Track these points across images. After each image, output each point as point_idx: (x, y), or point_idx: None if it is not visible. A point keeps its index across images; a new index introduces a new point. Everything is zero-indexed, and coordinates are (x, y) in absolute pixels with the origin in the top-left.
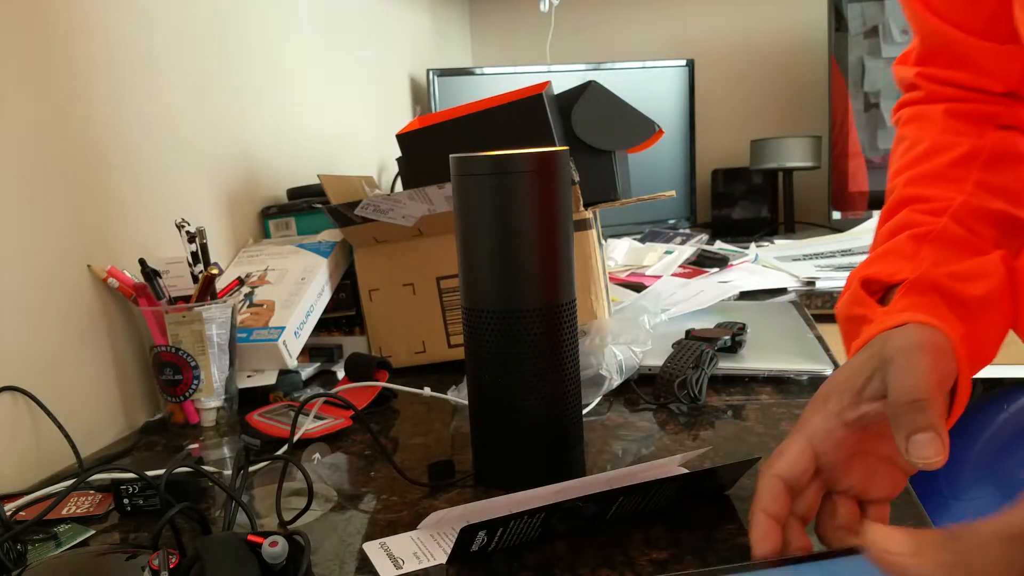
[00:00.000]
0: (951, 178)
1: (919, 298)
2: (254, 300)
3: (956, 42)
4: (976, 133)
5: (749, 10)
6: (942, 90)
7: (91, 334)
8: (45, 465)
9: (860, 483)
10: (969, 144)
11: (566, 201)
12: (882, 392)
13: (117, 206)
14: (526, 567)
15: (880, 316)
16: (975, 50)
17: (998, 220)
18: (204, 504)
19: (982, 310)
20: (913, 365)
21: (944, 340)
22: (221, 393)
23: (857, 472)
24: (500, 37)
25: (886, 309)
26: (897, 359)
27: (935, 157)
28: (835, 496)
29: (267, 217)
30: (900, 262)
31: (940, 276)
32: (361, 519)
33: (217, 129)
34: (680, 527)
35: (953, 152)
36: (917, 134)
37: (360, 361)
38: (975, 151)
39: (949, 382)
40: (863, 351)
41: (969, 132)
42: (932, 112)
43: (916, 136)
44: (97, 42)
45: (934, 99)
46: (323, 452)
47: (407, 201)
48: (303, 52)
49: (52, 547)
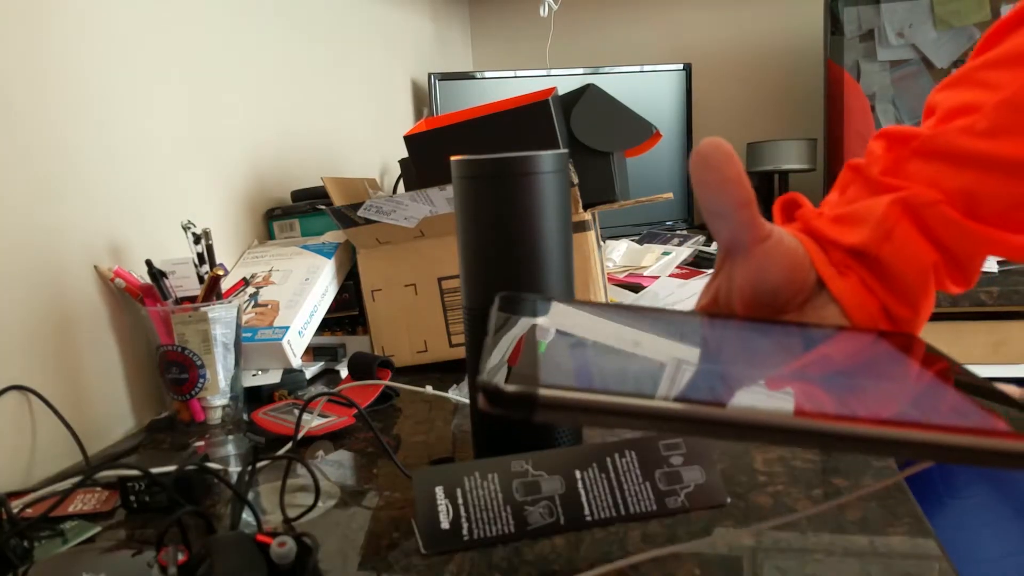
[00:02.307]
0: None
1: (801, 224)
2: (259, 300)
3: None
4: None
5: (745, 15)
6: None
7: (98, 333)
8: (52, 462)
9: None
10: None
11: (565, 203)
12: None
13: (124, 208)
14: (525, 561)
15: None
16: None
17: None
18: (209, 501)
19: (862, 255)
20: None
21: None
22: (226, 391)
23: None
24: (500, 41)
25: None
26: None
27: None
28: None
29: (272, 219)
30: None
31: (820, 221)
32: (364, 515)
33: (223, 132)
34: (679, 525)
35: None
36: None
37: (363, 360)
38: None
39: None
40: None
41: None
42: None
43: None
44: (104, 43)
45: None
46: (327, 449)
47: (409, 203)
48: (307, 56)
49: (58, 544)
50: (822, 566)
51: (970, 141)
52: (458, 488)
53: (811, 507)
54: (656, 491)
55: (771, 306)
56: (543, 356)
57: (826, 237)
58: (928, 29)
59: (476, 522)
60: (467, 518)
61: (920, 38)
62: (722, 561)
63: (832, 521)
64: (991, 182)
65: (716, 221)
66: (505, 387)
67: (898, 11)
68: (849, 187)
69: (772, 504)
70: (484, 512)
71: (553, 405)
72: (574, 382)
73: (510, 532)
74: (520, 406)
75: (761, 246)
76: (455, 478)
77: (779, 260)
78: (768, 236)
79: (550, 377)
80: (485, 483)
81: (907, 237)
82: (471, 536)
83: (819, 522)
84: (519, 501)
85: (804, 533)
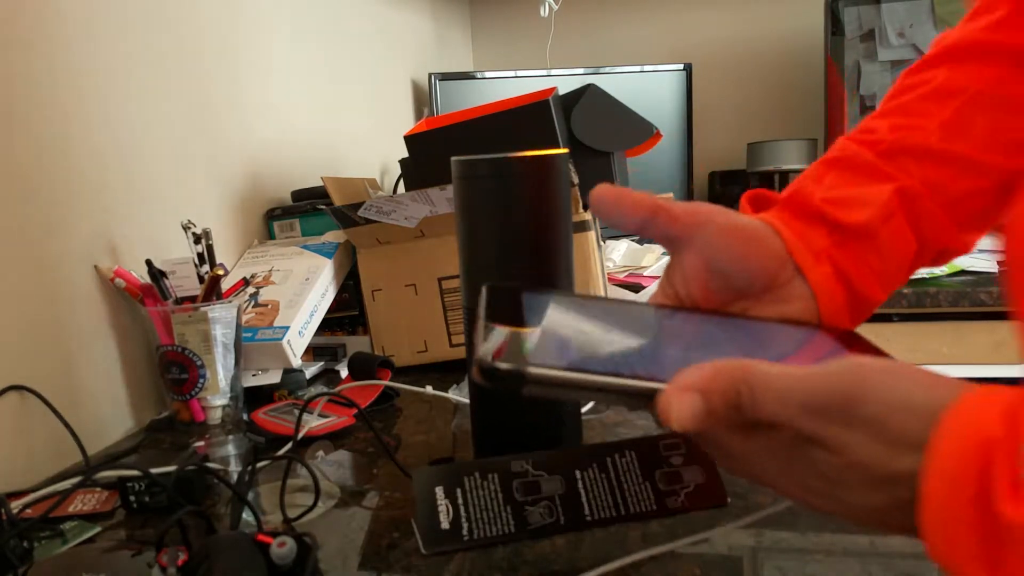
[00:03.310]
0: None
1: (784, 212)
2: (259, 300)
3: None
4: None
5: (746, 15)
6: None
7: (98, 333)
8: (52, 462)
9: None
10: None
11: (566, 203)
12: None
13: (124, 208)
14: (526, 562)
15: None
16: None
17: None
18: (209, 500)
19: (861, 235)
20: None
21: (763, 228)
22: (226, 391)
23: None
24: (500, 42)
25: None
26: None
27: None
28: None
29: (272, 219)
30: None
31: (815, 198)
32: (364, 516)
33: (223, 132)
34: (679, 525)
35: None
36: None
37: (363, 360)
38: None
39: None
40: None
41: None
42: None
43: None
44: (103, 45)
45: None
46: (327, 450)
47: (409, 203)
48: (307, 56)
49: (58, 544)
50: (822, 566)
51: (925, 139)
52: (458, 488)
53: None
54: (656, 491)
55: (728, 290)
56: (530, 338)
57: (828, 215)
58: (929, 29)
59: (476, 522)
60: (467, 518)
61: (921, 38)
62: (723, 561)
63: (832, 521)
64: (946, 175)
65: (643, 233)
66: (499, 364)
67: (899, 11)
68: (835, 170)
69: (773, 504)
70: (484, 512)
71: (539, 381)
72: (556, 362)
73: (510, 532)
74: (511, 381)
75: (701, 232)
76: (455, 478)
77: (728, 243)
78: (706, 222)
79: (537, 357)
80: (485, 483)
81: (901, 224)
82: (471, 536)
83: (820, 522)
84: (519, 501)
85: (804, 533)
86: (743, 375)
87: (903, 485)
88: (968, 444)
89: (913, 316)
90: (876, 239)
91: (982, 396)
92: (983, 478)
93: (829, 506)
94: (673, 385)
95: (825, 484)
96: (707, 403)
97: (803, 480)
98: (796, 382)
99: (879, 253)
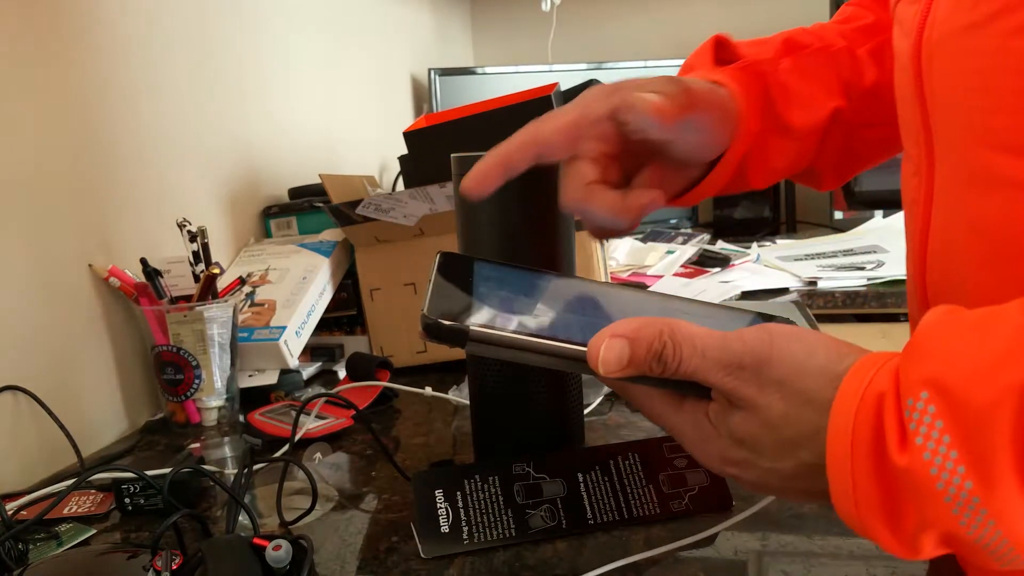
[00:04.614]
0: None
1: (741, 73)
2: (255, 299)
3: None
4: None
5: (750, 9)
6: None
7: (92, 333)
8: (46, 464)
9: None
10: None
11: None
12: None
13: (118, 206)
14: (527, 566)
15: (705, 67)
16: None
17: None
18: (205, 503)
19: (787, 128)
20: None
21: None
22: (222, 392)
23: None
24: (501, 37)
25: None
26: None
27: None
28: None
29: (268, 216)
30: (761, 49)
31: (773, 79)
32: (362, 519)
33: (219, 128)
34: (682, 528)
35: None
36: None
37: (361, 360)
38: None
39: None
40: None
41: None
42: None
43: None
44: (98, 42)
45: None
46: (324, 452)
47: (408, 200)
48: (305, 51)
49: (53, 546)
50: (827, 569)
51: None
52: (458, 491)
53: (817, 508)
54: (660, 494)
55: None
56: (476, 300)
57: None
58: None
59: (476, 526)
60: (467, 521)
61: None
62: (728, 565)
63: (837, 524)
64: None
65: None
66: (443, 322)
67: None
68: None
69: (777, 507)
70: (485, 515)
71: (479, 339)
72: (497, 324)
73: (511, 536)
74: (454, 338)
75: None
76: (455, 481)
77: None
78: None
79: (479, 318)
80: (486, 486)
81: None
82: (471, 540)
83: (825, 525)
84: (520, 504)
85: (810, 536)
86: (668, 329)
87: (809, 446)
88: (865, 401)
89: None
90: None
91: (875, 356)
92: (877, 431)
93: (748, 475)
94: (602, 333)
95: (743, 453)
96: (633, 350)
97: (724, 452)
98: (714, 340)
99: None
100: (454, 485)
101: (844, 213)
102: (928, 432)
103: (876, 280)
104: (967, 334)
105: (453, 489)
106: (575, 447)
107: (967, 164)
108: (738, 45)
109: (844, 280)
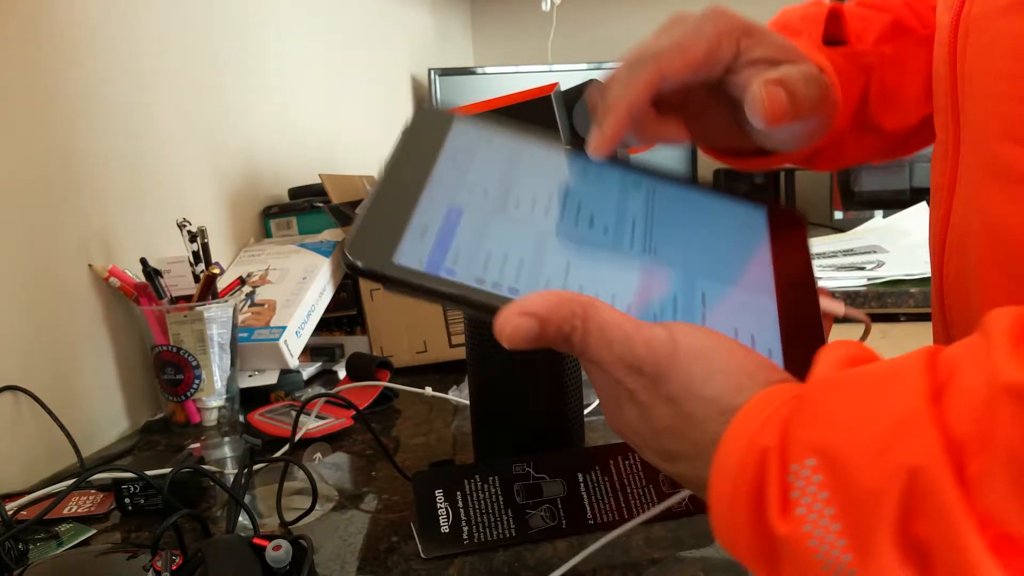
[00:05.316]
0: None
1: (848, 64)
2: (255, 299)
3: None
4: None
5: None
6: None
7: (93, 334)
8: (46, 464)
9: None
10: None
11: None
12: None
13: (118, 206)
14: (527, 566)
15: (809, 43)
16: None
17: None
18: (205, 503)
19: (876, 129)
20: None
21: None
22: (222, 392)
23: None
24: (502, 36)
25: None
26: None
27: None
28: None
29: (268, 216)
30: (867, 25)
31: (875, 74)
32: (362, 519)
33: (219, 129)
34: (683, 528)
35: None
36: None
37: (361, 361)
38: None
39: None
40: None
41: None
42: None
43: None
44: (98, 42)
45: None
46: (324, 451)
47: None
48: (305, 51)
49: (53, 546)
50: None
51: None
52: (458, 491)
53: None
54: (660, 494)
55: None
56: (408, 231)
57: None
58: None
59: (476, 526)
60: (467, 522)
61: None
62: (728, 565)
63: None
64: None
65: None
66: (358, 264)
67: None
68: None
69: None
70: (485, 515)
71: (399, 283)
72: (422, 265)
73: (511, 536)
74: (373, 279)
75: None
76: (455, 481)
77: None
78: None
79: (403, 257)
80: (486, 486)
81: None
82: (471, 540)
83: None
84: (520, 504)
85: None
86: (583, 311)
87: (691, 464)
88: (750, 452)
89: (920, 316)
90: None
91: (772, 395)
92: (759, 491)
93: (640, 453)
94: (513, 307)
95: (635, 439)
96: (542, 330)
97: (620, 427)
98: (623, 336)
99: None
100: (454, 485)
101: (844, 213)
102: (811, 503)
103: (876, 280)
104: (862, 399)
105: (453, 489)
106: (575, 447)
107: (988, 154)
108: (848, 18)
109: (844, 280)
